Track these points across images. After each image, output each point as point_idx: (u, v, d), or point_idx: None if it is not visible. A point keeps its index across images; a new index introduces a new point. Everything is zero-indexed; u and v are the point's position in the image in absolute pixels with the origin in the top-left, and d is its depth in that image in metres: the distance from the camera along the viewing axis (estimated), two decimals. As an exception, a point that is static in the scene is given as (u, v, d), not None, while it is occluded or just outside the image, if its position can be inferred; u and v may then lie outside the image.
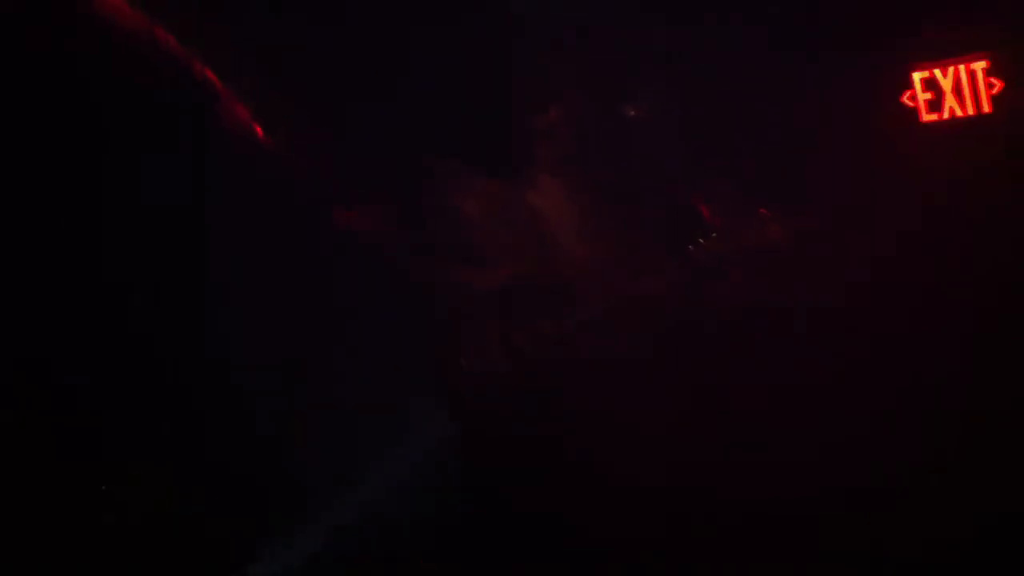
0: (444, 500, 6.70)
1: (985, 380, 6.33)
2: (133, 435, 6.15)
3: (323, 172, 7.33)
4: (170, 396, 6.37)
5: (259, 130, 7.09)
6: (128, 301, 6.23)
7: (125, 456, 6.13)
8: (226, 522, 6.37)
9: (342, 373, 7.09)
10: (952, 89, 7.30)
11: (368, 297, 7.29)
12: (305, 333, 7.06)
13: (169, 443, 6.27)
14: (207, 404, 6.48)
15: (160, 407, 6.30)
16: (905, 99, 7.43)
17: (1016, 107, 7.19)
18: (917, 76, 7.38)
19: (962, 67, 7.26)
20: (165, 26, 6.57)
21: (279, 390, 6.73)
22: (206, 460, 6.38)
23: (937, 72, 7.32)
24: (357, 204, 7.47)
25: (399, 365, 7.24)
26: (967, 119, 7.29)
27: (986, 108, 7.24)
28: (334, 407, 6.99)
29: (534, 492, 6.52)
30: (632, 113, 7.73)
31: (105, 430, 6.07)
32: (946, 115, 7.35)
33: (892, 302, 7.09)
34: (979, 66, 7.21)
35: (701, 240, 7.64)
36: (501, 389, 7.08)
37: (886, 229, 7.38)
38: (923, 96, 7.39)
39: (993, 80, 7.18)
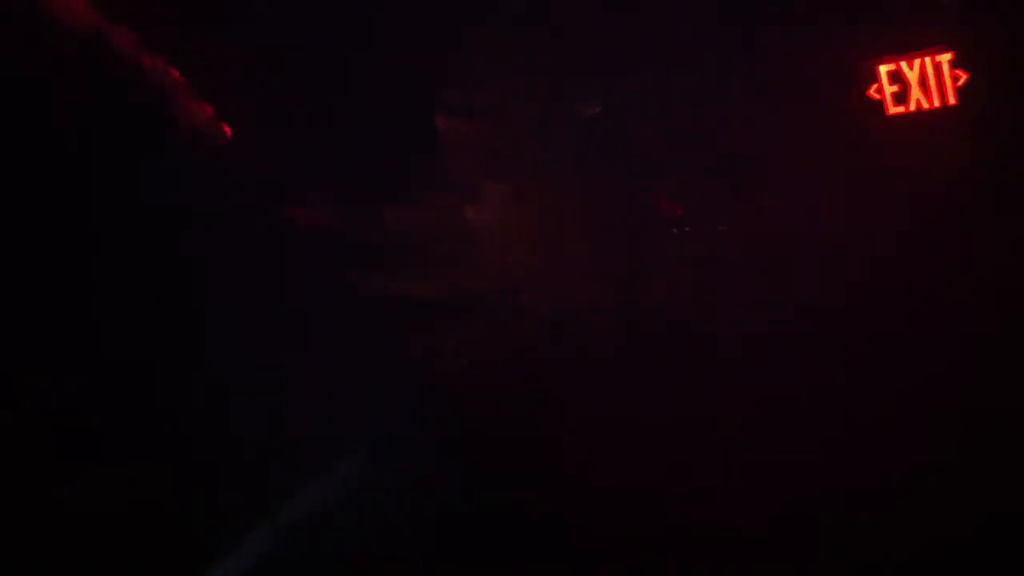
0: (441, 499, 6.51)
1: (981, 380, 6.37)
2: (117, 435, 5.92)
3: (307, 174, 7.06)
4: (155, 395, 6.17)
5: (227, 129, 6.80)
6: (111, 303, 5.91)
7: (114, 455, 5.89)
8: (212, 517, 6.17)
9: (329, 369, 6.96)
10: (918, 81, 7.33)
11: (357, 297, 7.07)
12: (289, 332, 6.90)
13: (153, 442, 6.00)
14: (189, 403, 6.29)
15: (143, 407, 6.08)
16: (872, 92, 7.44)
17: (981, 98, 7.26)
18: (883, 69, 7.40)
19: (927, 59, 7.30)
20: (144, 27, 6.25)
21: (263, 389, 6.58)
22: (192, 458, 6.14)
23: (903, 64, 7.35)
24: (342, 208, 7.22)
25: (391, 363, 7.02)
26: (933, 111, 7.34)
27: (952, 100, 7.30)
28: (322, 405, 6.82)
29: (532, 492, 6.37)
30: (607, 115, 7.59)
31: (93, 430, 5.84)
32: (912, 107, 7.39)
33: (864, 300, 7.10)
34: (944, 58, 7.26)
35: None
36: (499, 389, 6.87)
37: (856, 224, 7.39)
38: (889, 89, 7.41)
39: (958, 72, 7.24)
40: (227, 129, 6.71)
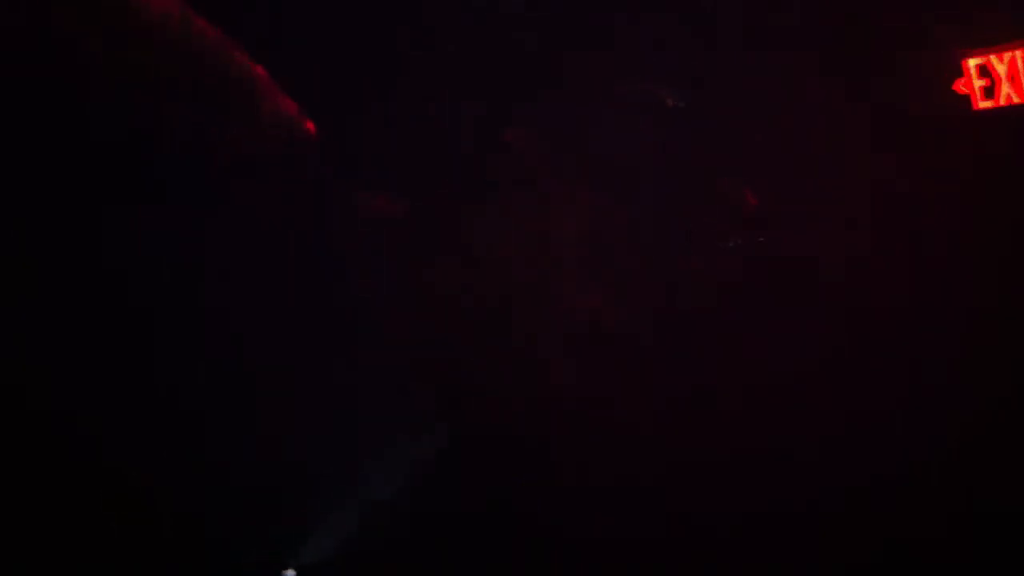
0: (445, 501, 6.79)
1: (994, 381, 6.15)
2: (132, 439, 6.21)
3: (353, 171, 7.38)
4: (171, 396, 6.43)
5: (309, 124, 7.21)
6: (129, 297, 6.30)
7: (126, 460, 6.19)
8: (230, 525, 6.50)
9: (349, 372, 7.09)
10: (1007, 75, 7.08)
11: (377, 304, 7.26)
12: (317, 331, 7.09)
13: (170, 445, 6.32)
14: (209, 404, 6.54)
15: (160, 408, 6.36)
16: (959, 86, 7.25)
17: (1073, 93, 6.94)
18: (971, 63, 7.17)
19: (1017, 53, 7.05)
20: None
21: (285, 390, 6.80)
22: (211, 463, 6.45)
23: (992, 58, 7.10)
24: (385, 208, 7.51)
25: (404, 365, 7.27)
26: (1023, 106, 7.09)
27: (1042, 95, 7.02)
28: (340, 407, 7.03)
29: (533, 493, 6.58)
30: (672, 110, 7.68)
31: (105, 434, 6.14)
32: (1002, 102, 7.14)
33: (936, 301, 6.94)
34: (1035, 51, 7.00)
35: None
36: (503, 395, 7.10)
37: (936, 222, 7.22)
38: (977, 83, 7.18)
39: (1049, 65, 6.95)
40: (311, 126, 7.10)
